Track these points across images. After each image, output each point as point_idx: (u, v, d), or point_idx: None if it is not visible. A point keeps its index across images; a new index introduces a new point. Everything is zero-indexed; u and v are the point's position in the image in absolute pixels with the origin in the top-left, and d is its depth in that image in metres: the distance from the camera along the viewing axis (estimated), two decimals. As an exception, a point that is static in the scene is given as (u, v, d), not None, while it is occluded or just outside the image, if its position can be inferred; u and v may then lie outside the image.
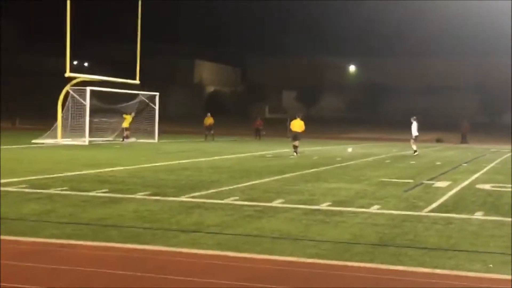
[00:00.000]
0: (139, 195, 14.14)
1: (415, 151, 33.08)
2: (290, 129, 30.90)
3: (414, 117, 34.44)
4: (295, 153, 29.76)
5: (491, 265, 8.33)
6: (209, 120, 46.88)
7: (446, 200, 14.60)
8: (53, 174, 18.16)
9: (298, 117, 31.16)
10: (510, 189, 17.20)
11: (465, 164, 27.30)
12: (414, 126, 33.88)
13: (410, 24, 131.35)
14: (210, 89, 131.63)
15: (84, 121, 37.24)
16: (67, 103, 38.46)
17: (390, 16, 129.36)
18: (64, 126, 38.32)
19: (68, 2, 35.26)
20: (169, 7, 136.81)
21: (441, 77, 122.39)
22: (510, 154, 36.93)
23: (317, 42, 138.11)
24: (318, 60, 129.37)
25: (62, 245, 8.93)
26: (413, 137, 33.85)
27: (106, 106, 41.92)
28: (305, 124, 31.20)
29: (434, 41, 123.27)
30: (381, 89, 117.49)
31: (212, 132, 46.13)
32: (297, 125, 30.60)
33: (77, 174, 18.67)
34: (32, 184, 15.56)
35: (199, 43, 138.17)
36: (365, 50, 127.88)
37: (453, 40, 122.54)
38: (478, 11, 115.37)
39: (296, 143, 30.18)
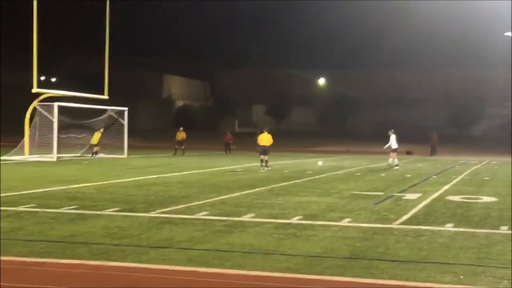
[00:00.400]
0: (108, 211, 14.00)
1: (396, 165, 33.12)
2: (258, 144, 30.80)
3: (392, 130, 34.47)
4: (265, 167, 29.76)
5: (462, 277, 8.36)
6: (181, 135, 46.65)
7: (416, 212, 14.66)
8: (21, 191, 17.94)
9: (265, 131, 31.15)
10: (479, 201, 17.35)
11: (435, 176, 27.48)
12: (393, 138, 33.94)
13: (379, 37, 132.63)
14: (179, 103, 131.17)
15: (52, 137, 36.87)
16: (34, 119, 38.11)
17: (359, 29, 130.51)
18: (31, 142, 37.96)
19: (35, 17, 34.94)
20: (137, 22, 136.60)
21: (411, 89, 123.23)
22: (479, 165, 37.26)
23: (286, 55, 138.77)
24: (287, 73, 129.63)
25: (30, 263, 8.80)
26: (392, 149, 33.93)
27: (75, 121, 41.59)
28: (275, 138, 31.16)
29: (403, 54, 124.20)
30: (350, 102, 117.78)
31: (183, 147, 45.93)
32: (265, 138, 30.57)
33: (46, 190, 18.46)
34: (-1, 202, 15.35)
35: (168, 57, 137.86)
36: (335, 63, 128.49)
37: (422, 53, 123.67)
38: (448, 24, 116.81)
39: (266, 157, 30.18)
